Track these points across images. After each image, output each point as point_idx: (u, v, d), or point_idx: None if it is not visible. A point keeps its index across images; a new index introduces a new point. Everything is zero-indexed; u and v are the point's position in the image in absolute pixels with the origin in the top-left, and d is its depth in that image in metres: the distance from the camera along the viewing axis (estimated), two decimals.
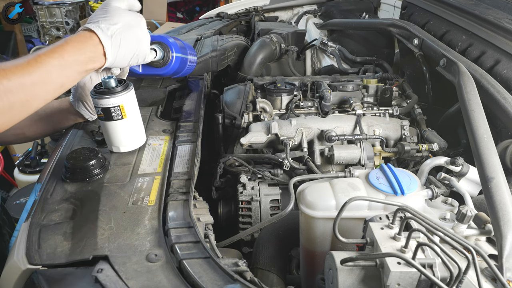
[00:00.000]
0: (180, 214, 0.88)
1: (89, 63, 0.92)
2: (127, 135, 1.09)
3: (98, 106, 1.03)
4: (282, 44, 1.91)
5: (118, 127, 1.06)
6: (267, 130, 1.31)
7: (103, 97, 1.01)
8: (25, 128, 1.22)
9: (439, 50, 1.37)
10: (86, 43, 0.92)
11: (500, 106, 1.06)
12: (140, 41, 1.01)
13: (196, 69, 1.42)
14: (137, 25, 1.00)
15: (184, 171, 1.04)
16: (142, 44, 1.02)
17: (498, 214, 0.75)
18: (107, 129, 1.06)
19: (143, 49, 1.03)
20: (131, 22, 0.99)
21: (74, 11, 4.53)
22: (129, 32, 0.98)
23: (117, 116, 1.04)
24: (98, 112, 1.05)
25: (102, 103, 1.02)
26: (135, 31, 0.99)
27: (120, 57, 0.98)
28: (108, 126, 1.06)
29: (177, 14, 5.99)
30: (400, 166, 1.24)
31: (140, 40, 1.01)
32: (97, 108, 1.04)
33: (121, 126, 1.06)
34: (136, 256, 0.77)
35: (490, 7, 1.49)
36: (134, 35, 0.99)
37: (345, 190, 0.87)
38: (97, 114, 1.06)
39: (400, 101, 1.51)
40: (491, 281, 0.68)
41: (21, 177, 2.63)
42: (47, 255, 0.78)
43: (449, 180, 0.97)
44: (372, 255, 0.63)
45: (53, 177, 1.01)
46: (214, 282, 0.71)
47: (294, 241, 1.01)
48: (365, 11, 2.32)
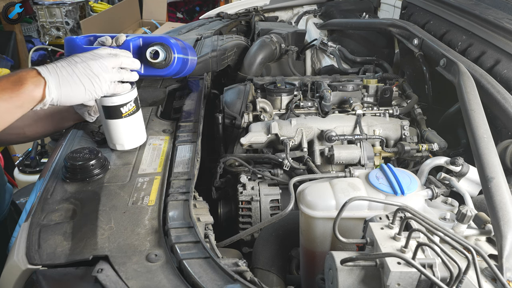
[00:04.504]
0: (180, 214, 0.88)
1: (24, 96, 0.85)
2: (131, 132, 1.10)
3: (102, 104, 1.04)
4: (282, 44, 1.91)
5: (122, 125, 1.07)
6: (267, 130, 1.31)
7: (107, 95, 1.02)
8: (26, 128, 1.22)
9: (439, 50, 1.37)
10: (21, 76, 0.87)
11: (500, 106, 1.06)
12: (93, 75, 0.94)
13: (196, 69, 1.41)
14: (94, 59, 0.95)
15: (184, 171, 1.04)
16: (96, 79, 0.94)
17: (498, 214, 0.75)
18: (111, 127, 1.07)
19: (97, 84, 0.95)
20: (86, 56, 0.95)
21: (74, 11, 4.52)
22: (79, 65, 0.93)
23: (122, 113, 1.05)
24: (101, 111, 1.05)
25: (106, 102, 1.03)
26: (89, 64, 0.94)
27: (67, 90, 0.91)
28: (112, 124, 1.07)
29: (177, 14, 5.99)
30: (400, 166, 1.24)
31: (95, 74, 0.94)
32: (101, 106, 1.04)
33: (126, 124, 1.07)
34: (136, 256, 0.77)
35: (490, 7, 1.49)
36: (85, 69, 0.93)
37: (345, 190, 0.87)
38: (99, 112, 1.07)
39: (400, 101, 1.51)
40: (491, 281, 0.68)
41: (21, 177, 2.63)
42: (47, 255, 0.78)
43: (449, 180, 0.97)
44: (372, 255, 0.63)
45: (53, 177, 1.01)
46: (214, 282, 0.71)
47: (294, 241, 1.01)
48: (365, 11, 2.32)
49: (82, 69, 0.93)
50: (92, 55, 0.97)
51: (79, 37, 1.11)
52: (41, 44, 4.42)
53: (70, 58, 0.95)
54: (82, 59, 0.95)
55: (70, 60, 0.94)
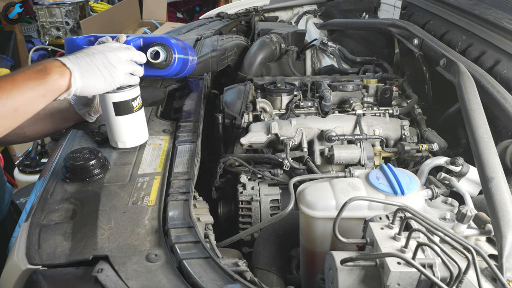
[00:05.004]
0: (180, 214, 0.88)
1: (49, 85, 0.87)
2: (134, 129, 1.11)
3: (113, 101, 1.05)
4: (282, 44, 1.91)
5: (134, 119, 1.08)
6: (267, 130, 1.31)
7: (117, 91, 1.03)
8: (26, 128, 1.21)
9: (439, 50, 1.37)
10: (46, 66, 0.88)
11: (500, 106, 1.06)
12: (111, 66, 0.97)
13: (196, 69, 1.41)
14: (110, 50, 0.98)
15: (184, 171, 1.04)
16: (114, 70, 0.97)
17: (498, 214, 0.75)
18: (120, 124, 1.08)
19: (115, 74, 0.98)
20: (102, 48, 0.98)
21: (74, 11, 4.52)
22: (97, 56, 0.95)
23: (133, 108, 1.07)
24: (108, 109, 1.06)
25: (115, 98, 1.04)
26: (107, 55, 0.96)
27: (89, 81, 0.93)
28: (122, 120, 1.07)
29: (177, 14, 5.98)
30: (400, 166, 1.24)
31: (112, 65, 0.97)
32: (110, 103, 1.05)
33: (137, 118, 1.09)
34: (136, 256, 0.77)
35: (490, 7, 1.49)
36: (103, 60, 0.96)
37: (345, 190, 0.87)
38: (104, 111, 1.08)
39: (400, 101, 1.51)
40: (491, 281, 0.68)
41: (21, 177, 2.62)
42: (47, 255, 0.78)
43: (449, 180, 0.97)
44: (372, 255, 0.63)
45: (53, 177, 1.01)
46: (214, 282, 0.71)
47: (294, 241, 1.01)
48: (365, 11, 2.32)
49: (100, 60, 0.95)
50: (107, 47, 0.99)
51: (80, 38, 1.11)
52: (41, 44, 4.42)
53: (87, 50, 0.97)
54: (99, 50, 0.97)
55: (88, 52, 0.96)
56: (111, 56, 0.97)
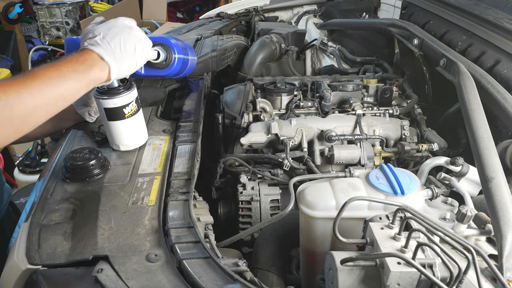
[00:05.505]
0: (180, 214, 0.88)
1: (90, 71, 0.90)
2: (134, 132, 1.10)
3: (104, 106, 1.04)
4: (282, 44, 1.91)
5: (126, 126, 1.07)
6: (267, 130, 1.31)
7: (108, 97, 1.02)
8: None
9: (439, 50, 1.37)
10: (87, 59, 0.91)
11: (500, 106, 1.06)
12: (140, 50, 0.99)
13: (196, 69, 1.41)
14: (134, 25, 1.00)
15: (184, 171, 1.04)
16: (142, 53, 1.00)
17: (498, 214, 0.75)
18: (114, 129, 1.07)
19: (144, 54, 1.01)
20: (125, 22, 0.99)
21: (74, 11, 4.52)
22: (128, 44, 0.96)
23: (124, 114, 1.05)
24: (102, 113, 1.05)
25: (108, 104, 1.03)
26: (132, 31, 0.98)
27: (122, 70, 0.96)
28: (115, 126, 1.07)
29: (177, 14, 5.98)
30: (400, 166, 1.24)
31: (142, 49, 0.99)
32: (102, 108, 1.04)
33: (129, 124, 1.08)
34: (136, 256, 0.77)
35: (490, 7, 1.49)
36: (132, 35, 0.97)
37: (345, 190, 0.87)
38: (101, 114, 1.07)
39: (400, 101, 1.51)
40: (491, 281, 0.68)
41: (21, 177, 2.62)
42: (47, 255, 0.78)
43: (449, 180, 0.97)
44: (372, 255, 0.63)
45: (53, 177, 1.01)
46: (214, 282, 0.71)
47: (294, 241, 1.01)
48: (365, 11, 2.32)
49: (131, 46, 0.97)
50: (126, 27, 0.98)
51: (80, 38, 1.11)
52: (41, 44, 4.42)
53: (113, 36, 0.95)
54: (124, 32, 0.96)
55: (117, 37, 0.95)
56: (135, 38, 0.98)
